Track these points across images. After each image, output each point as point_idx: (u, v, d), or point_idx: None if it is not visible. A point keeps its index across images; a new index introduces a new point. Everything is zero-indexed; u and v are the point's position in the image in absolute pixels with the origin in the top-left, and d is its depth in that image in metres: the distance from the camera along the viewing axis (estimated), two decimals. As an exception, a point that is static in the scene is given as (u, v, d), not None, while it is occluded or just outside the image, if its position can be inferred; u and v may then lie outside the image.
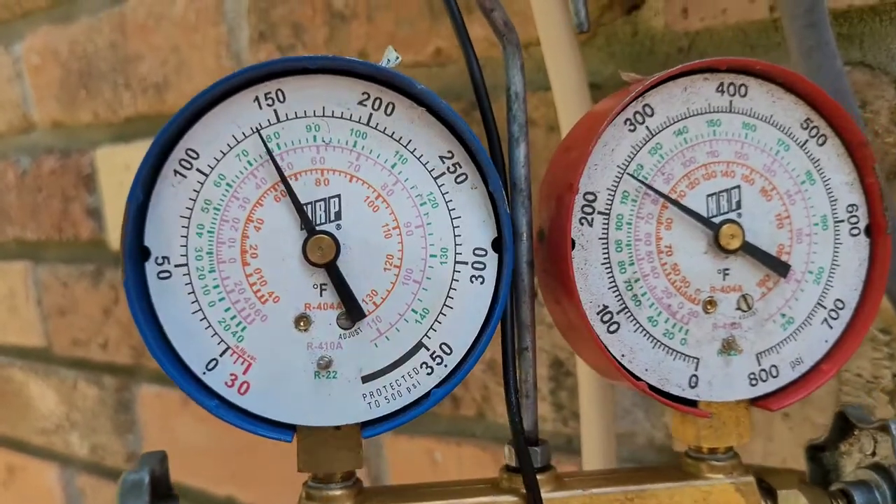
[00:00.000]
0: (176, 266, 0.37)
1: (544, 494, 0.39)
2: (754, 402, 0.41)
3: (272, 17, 0.75)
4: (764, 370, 0.40)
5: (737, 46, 0.52)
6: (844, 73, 0.42)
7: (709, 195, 0.39)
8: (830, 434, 0.45)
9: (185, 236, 0.37)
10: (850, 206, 0.41)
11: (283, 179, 0.36)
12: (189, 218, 0.37)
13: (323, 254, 0.36)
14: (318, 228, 0.37)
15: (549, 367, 0.64)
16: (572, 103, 0.50)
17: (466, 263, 0.38)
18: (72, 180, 1.03)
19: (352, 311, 0.37)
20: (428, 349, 0.38)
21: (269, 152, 0.36)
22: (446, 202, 0.38)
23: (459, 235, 0.38)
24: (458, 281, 0.38)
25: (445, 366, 0.38)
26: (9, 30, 1.07)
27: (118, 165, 0.97)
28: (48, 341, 1.14)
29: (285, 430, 0.37)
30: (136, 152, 0.95)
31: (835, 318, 0.41)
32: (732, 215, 0.40)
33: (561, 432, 0.64)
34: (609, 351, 0.38)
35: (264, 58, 0.79)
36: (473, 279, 0.38)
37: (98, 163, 0.99)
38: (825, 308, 0.41)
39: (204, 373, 0.37)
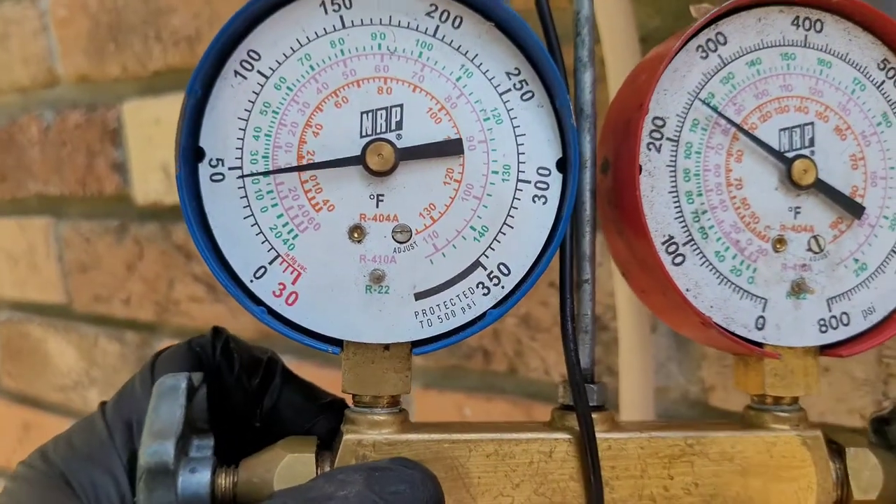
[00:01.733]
0: (230, 169, 0.36)
1: (600, 434, 0.37)
2: (824, 350, 0.39)
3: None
4: (834, 317, 0.38)
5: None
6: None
7: (781, 129, 0.38)
8: (897, 404, 0.42)
9: (242, 139, 0.36)
10: (927, 151, 0.39)
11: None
12: (247, 120, 0.36)
13: (383, 161, 0.35)
14: (378, 136, 0.36)
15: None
16: (622, 55, 0.49)
17: (529, 182, 0.36)
18: (97, 134, 1.01)
19: None
20: (485, 268, 0.36)
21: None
22: (511, 119, 0.36)
23: (523, 153, 0.36)
24: (519, 200, 0.36)
25: (503, 287, 0.36)
26: (35, -18, 1.06)
27: (147, 119, 0.95)
28: (69, 298, 1.11)
29: (332, 344, 0.36)
30: (165, 105, 0.93)
31: (910, 268, 0.39)
32: (805, 152, 0.38)
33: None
34: (675, 283, 0.37)
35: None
36: (536, 199, 0.36)
37: (125, 117, 0.97)
38: (900, 256, 0.39)
39: (251, 280, 0.36)
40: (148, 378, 0.38)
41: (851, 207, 0.38)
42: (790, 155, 0.38)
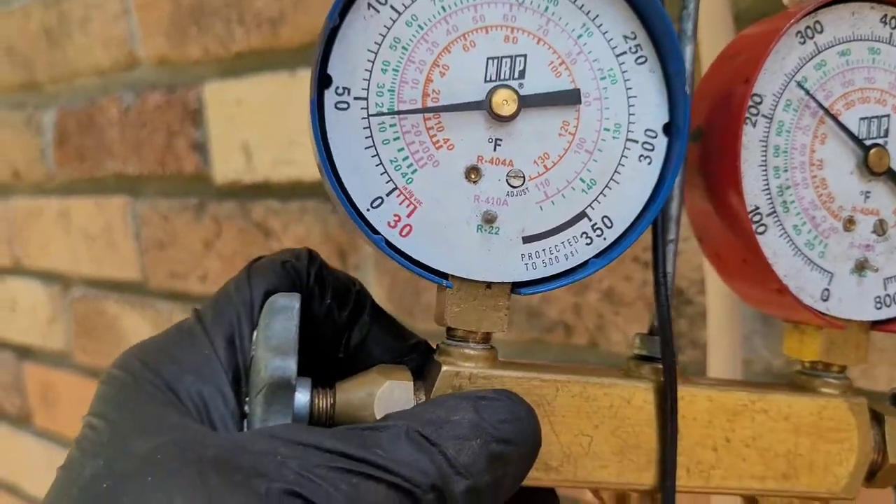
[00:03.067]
0: (355, 98, 0.36)
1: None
2: (876, 325, 0.42)
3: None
4: (888, 295, 0.42)
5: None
6: None
7: (862, 118, 0.41)
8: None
9: (370, 70, 0.36)
10: (983, 152, 0.43)
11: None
12: (376, 53, 0.36)
13: (508, 106, 0.36)
14: (502, 82, 0.37)
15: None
16: (717, 32, 0.51)
17: (637, 142, 0.38)
18: (177, 115, 1.02)
19: None
20: (590, 219, 0.38)
21: None
22: (624, 80, 0.38)
23: (633, 114, 0.38)
24: (626, 158, 0.38)
25: (604, 238, 0.38)
26: (117, -33, 1.07)
27: (228, 100, 0.96)
28: (144, 275, 1.12)
29: (442, 277, 0.37)
30: (247, 87, 0.94)
31: (957, 257, 0.42)
32: (880, 141, 0.41)
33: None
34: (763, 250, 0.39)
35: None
36: (642, 158, 0.38)
37: (206, 97, 0.98)
38: (950, 246, 0.42)
39: (368, 209, 0.37)
40: (245, 289, 0.38)
41: (915, 197, 0.41)
42: (868, 143, 0.41)
